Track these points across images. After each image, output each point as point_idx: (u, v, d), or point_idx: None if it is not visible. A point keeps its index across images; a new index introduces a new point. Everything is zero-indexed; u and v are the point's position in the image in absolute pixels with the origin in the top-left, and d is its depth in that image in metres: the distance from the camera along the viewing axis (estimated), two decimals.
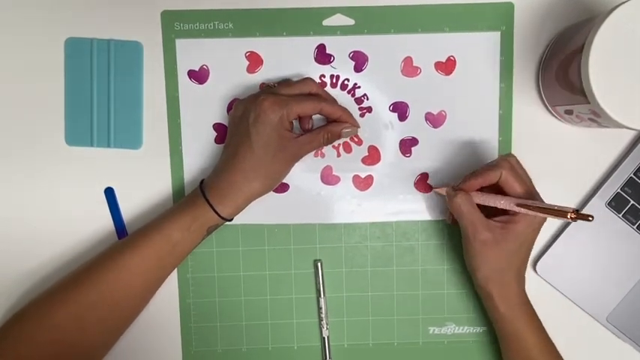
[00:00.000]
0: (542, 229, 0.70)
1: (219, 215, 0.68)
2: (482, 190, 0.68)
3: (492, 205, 0.66)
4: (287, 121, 0.67)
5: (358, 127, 0.72)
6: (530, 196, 0.65)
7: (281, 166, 0.69)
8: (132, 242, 0.68)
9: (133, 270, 0.67)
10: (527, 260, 0.68)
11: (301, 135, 0.69)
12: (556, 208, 0.60)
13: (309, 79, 0.71)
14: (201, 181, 0.70)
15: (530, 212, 0.62)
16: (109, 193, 0.75)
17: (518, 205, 0.63)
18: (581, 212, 0.58)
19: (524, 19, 0.73)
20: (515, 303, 0.67)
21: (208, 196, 0.68)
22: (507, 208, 0.64)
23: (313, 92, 0.70)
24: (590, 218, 0.58)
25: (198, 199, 0.68)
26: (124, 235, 0.76)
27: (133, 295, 0.69)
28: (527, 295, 0.69)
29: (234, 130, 0.69)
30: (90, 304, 0.67)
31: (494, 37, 0.73)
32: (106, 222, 0.76)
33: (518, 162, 0.67)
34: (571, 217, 0.59)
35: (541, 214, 0.62)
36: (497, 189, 0.67)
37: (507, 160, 0.66)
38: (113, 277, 0.67)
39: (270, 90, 0.69)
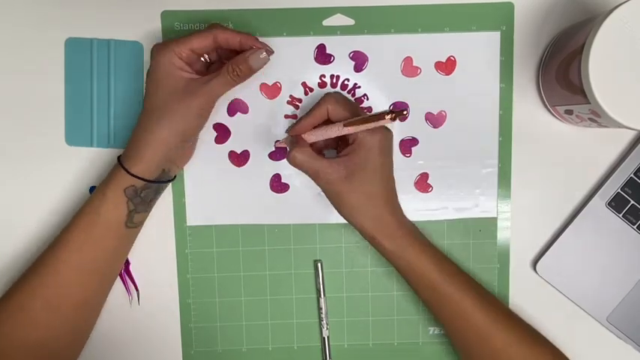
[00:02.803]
0: (540, 227, 0.71)
1: (128, 172, 0.65)
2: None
3: (326, 136, 0.65)
4: (179, 59, 0.64)
5: (271, 51, 0.65)
6: (354, 117, 0.64)
7: (187, 109, 0.64)
8: (66, 231, 0.68)
9: (66, 256, 0.67)
10: (391, 187, 0.68)
11: (204, 77, 0.66)
12: (375, 113, 0.61)
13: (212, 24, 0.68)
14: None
15: (356, 129, 0.62)
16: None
17: (344, 125, 0.63)
18: (395, 110, 0.60)
19: (524, 19, 0.73)
20: (397, 235, 0.66)
21: (123, 160, 0.66)
22: (338, 133, 0.64)
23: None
24: (405, 112, 0.59)
25: (116, 167, 0.66)
26: None
27: (79, 282, 0.67)
28: (411, 223, 0.69)
29: (146, 88, 0.67)
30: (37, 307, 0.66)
31: (494, 37, 0.73)
32: None
33: (341, 95, 0.68)
34: (391, 119, 0.59)
35: (365, 126, 0.61)
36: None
37: (330, 95, 0.66)
38: (51, 277, 0.67)
39: None
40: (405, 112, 0.59)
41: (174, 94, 0.64)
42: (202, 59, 0.68)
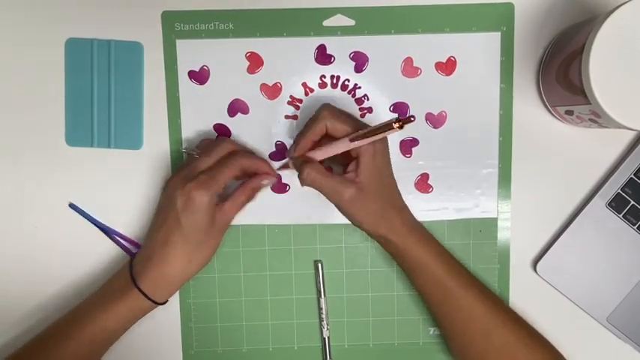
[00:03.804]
0: (540, 228, 0.71)
1: (156, 303, 0.68)
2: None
3: (332, 153, 0.66)
4: (215, 197, 0.66)
5: (275, 176, 0.72)
6: (357, 129, 0.65)
7: (215, 240, 0.69)
8: (65, 333, 0.69)
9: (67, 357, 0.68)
10: (395, 189, 0.69)
11: (224, 203, 0.69)
12: (381, 124, 0.61)
13: (222, 140, 0.71)
14: (130, 263, 0.69)
15: (363, 142, 0.62)
16: (75, 208, 0.76)
17: (350, 140, 0.63)
18: (402, 118, 0.59)
19: (524, 20, 0.73)
20: (405, 231, 0.68)
21: (141, 285, 0.67)
22: (344, 148, 0.64)
23: (230, 150, 0.70)
24: (412, 118, 0.59)
25: (131, 288, 0.67)
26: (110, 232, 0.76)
27: None
28: (417, 222, 0.70)
29: (163, 217, 0.68)
30: None
31: (494, 38, 0.73)
32: None
33: (336, 108, 0.68)
34: (398, 127, 0.59)
35: (372, 138, 0.62)
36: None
37: (325, 109, 0.67)
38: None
39: (192, 163, 0.68)
40: (412, 119, 0.58)
41: (209, 229, 0.67)
42: None
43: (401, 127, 0.59)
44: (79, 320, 0.69)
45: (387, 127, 0.60)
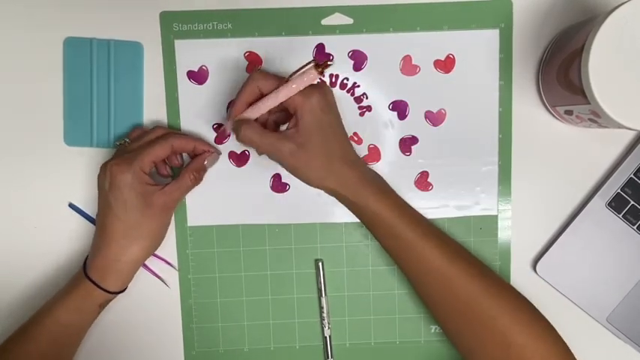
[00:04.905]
0: (540, 227, 0.71)
1: (107, 291, 0.68)
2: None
3: (265, 109, 0.65)
4: (143, 174, 0.66)
5: (219, 152, 0.73)
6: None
7: (154, 222, 0.68)
8: (24, 331, 0.69)
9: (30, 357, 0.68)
10: (343, 141, 0.68)
11: (166, 185, 0.68)
12: (298, 69, 0.62)
13: (158, 126, 0.71)
14: (85, 259, 0.70)
15: (290, 91, 0.63)
16: (75, 208, 0.76)
17: (276, 92, 0.64)
18: (319, 61, 0.60)
19: (523, 17, 0.73)
20: (359, 186, 0.67)
21: (91, 274, 0.67)
22: (275, 102, 0.64)
23: (162, 134, 0.70)
24: (330, 62, 0.59)
25: (82, 279, 0.68)
26: None
27: None
28: (374, 175, 0.70)
29: (99, 202, 0.69)
30: None
31: (493, 35, 0.73)
32: None
33: (266, 71, 0.69)
34: (319, 72, 0.59)
35: (297, 88, 0.62)
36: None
37: (255, 71, 0.67)
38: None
39: (123, 148, 0.69)
40: (329, 63, 0.59)
41: (146, 209, 0.67)
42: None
43: (321, 73, 0.59)
44: (37, 317, 0.69)
45: (305, 72, 0.60)
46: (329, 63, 0.59)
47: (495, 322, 0.64)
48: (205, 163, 0.71)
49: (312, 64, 0.60)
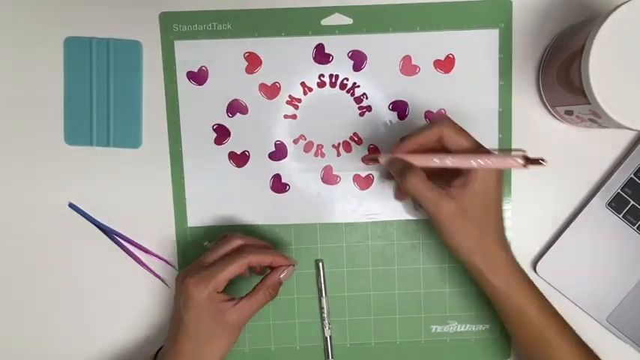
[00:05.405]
0: (540, 227, 0.71)
1: None
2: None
3: (442, 166, 0.62)
4: (217, 294, 0.64)
5: (294, 264, 0.68)
6: (477, 150, 0.62)
7: (225, 339, 0.66)
8: None
9: None
10: (502, 221, 0.65)
11: (240, 300, 0.66)
12: (506, 154, 0.60)
13: (230, 236, 0.69)
14: (156, 354, 0.70)
15: (487, 165, 0.60)
16: (74, 208, 0.76)
17: (467, 158, 0.61)
18: (530, 157, 0.58)
19: (522, 17, 0.73)
20: (507, 274, 0.64)
21: None
22: (459, 165, 0.61)
23: (239, 246, 0.68)
24: (543, 161, 0.58)
25: None
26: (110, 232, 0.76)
27: None
28: (516, 261, 0.66)
29: (174, 312, 0.68)
30: None
31: (492, 35, 0.73)
32: None
33: (454, 122, 0.64)
34: (523, 165, 0.58)
35: (493, 163, 0.60)
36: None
37: (446, 117, 0.64)
38: None
39: (201, 257, 0.68)
40: (543, 162, 0.58)
41: (218, 328, 0.65)
42: None
43: (525, 167, 0.58)
44: None
45: (513, 159, 0.59)
46: (541, 162, 0.57)
47: None
48: (282, 277, 0.68)
49: (522, 156, 0.58)
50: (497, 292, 0.65)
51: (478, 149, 0.62)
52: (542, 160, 0.57)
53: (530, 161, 0.58)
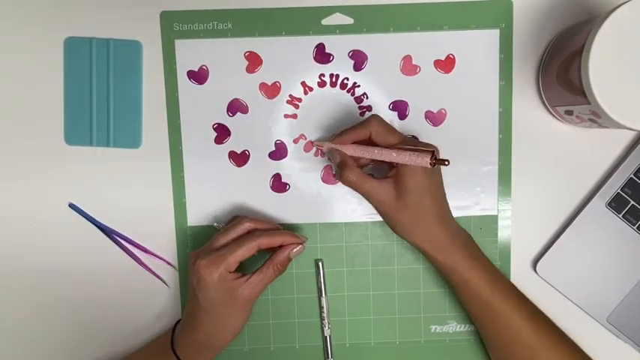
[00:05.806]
0: (540, 227, 0.70)
1: None
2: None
3: (374, 157, 0.66)
4: (229, 274, 0.66)
5: (304, 240, 0.70)
6: (402, 144, 0.66)
7: (239, 314, 0.68)
8: None
9: None
10: (441, 204, 0.68)
11: (250, 276, 0.67)
12: (420, 149, 0.62)
13: (241, 218, 0.70)
14: (174, 326, 0.72)
15: (403, 159, 0.62)
16: (74, 207, 0.76)
17: (387, 152, 0.64)
18: (437, 158, 0.60)
19: (523, 17, 0.73)
20: (450, 250, 0.67)
21: (177, 349, 0.70)
22: (389, 159, 0.64)
23: (249, 229, 0.70)
24: (447, 162, 0.59)
25: (168, 351, 0.70)
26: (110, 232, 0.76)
27: None
28: (465, 238, 0.69)
29: (189, 292, 0.71)
30: None
31: (493, 35, 0.73)
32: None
33: (383, 120, 0.68)
34: (430, 164, 0.60)
35: (409, 160, 0.62)
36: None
37: (375, 116, 0.67)
38: None
39: (212, 239, 0.69)
40: (447, 163, 0.60)
41: (232, 304, 0.67)
42: None
43: (433, 165, 0.60)
44: None
45: (422, 157, 0.60)
46: (446, 163, 0.59)
47: None
48: (291, 254, 0.69)
49: (430, 154, 0.60)
50: (443, 268, 0.68)
51: (403, 144, 0.66)
52: (447, 161, 0.60)
53: (437, 162, 0.60)
